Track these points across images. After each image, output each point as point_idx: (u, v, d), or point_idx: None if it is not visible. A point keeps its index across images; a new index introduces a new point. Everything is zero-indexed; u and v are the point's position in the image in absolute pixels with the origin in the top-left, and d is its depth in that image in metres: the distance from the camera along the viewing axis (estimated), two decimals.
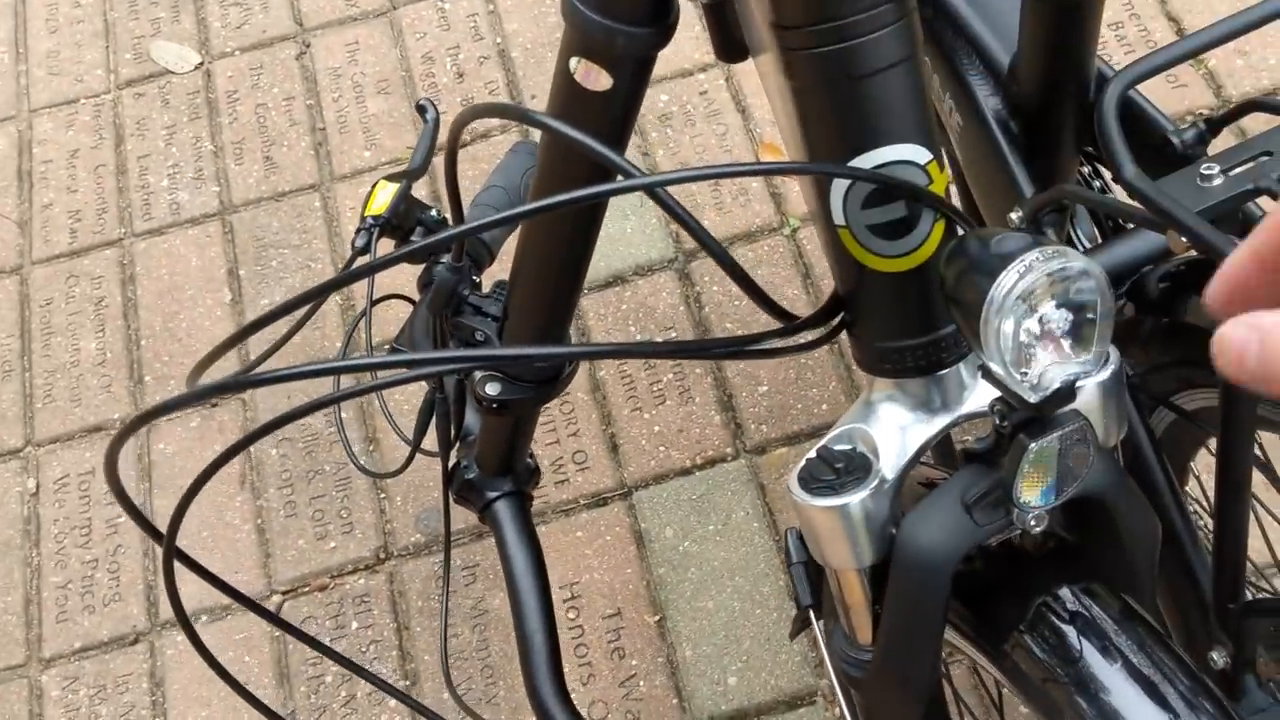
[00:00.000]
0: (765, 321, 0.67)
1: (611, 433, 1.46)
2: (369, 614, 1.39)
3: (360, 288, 1.49)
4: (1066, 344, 0.58)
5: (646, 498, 1.42)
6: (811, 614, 0.80)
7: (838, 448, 0.68)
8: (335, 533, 1.43)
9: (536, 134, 1.32)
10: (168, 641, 1.39)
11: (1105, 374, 0.65)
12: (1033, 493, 0.63)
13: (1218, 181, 0.69)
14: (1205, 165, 0.70)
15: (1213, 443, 0.75)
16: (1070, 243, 0.98)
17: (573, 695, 0.95)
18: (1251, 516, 0.75)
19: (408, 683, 1.34)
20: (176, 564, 0.68)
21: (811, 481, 0.67)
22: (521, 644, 0.89)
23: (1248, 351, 0.35)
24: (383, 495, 1.45)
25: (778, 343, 0.66)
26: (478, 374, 0.83)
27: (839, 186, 0.62)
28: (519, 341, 0.79)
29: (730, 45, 0.78)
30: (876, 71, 0.59)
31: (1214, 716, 0.62)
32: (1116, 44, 1.62)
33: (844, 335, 0.69)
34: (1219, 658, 0.81)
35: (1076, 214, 0.97)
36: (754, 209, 1.58)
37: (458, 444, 0.96)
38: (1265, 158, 0.70)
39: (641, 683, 1.32)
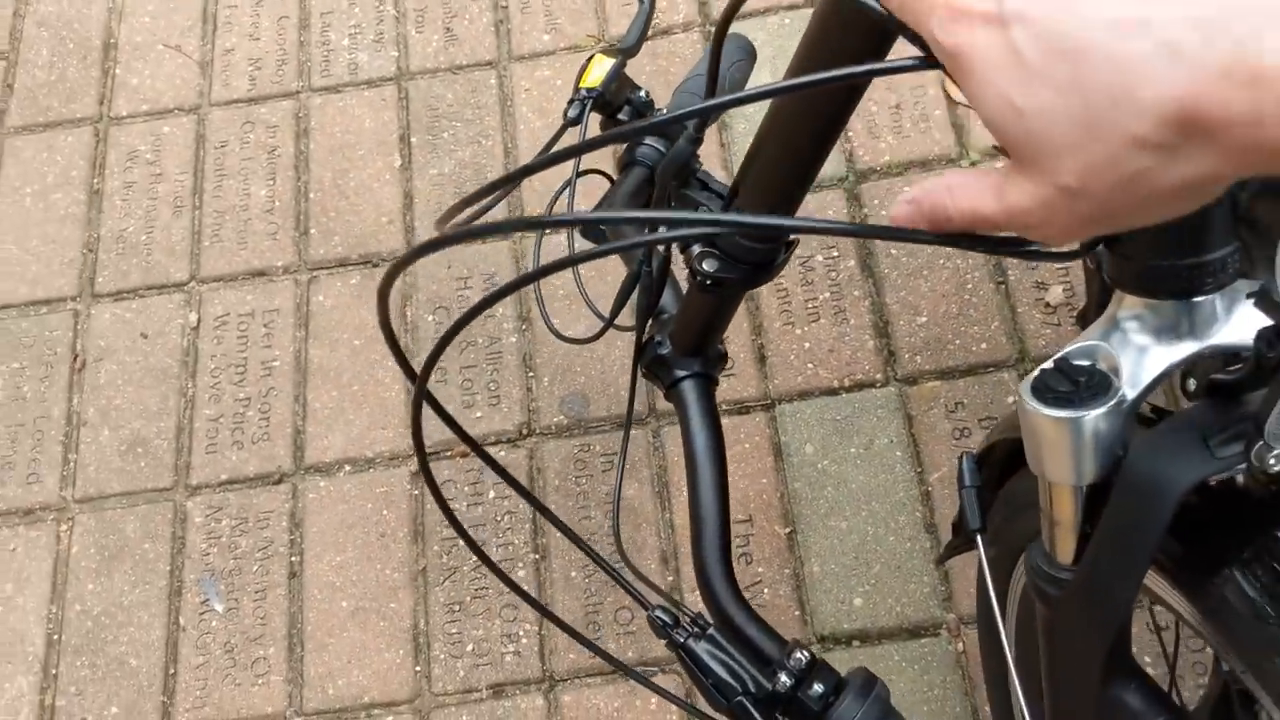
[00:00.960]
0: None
1: (760, 344, 1.46)
2: (506, 485, 1.42)
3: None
4: None
5: (790, 411, 1.42)
6: (979, 538, 0.80)
7: (1077, 362, 0.67)
8: (482, 403, 1.45)
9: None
10: (310, 485, 1.43)
11: None
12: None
13: None
14: None
15: None
16: None
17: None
18: None
19: (538, 556, 1.37)
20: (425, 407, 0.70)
21: (1046, 392, 0.66)
22: (695, 523, 0.90)
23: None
24: (530, 374, 1.47)
25: (1041, 247, 0.65)
26: (696, 249, 0.83)
27: None
28: (751, 201, 0.79)
29: None
30: None
31: None
32: None
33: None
34: None
35: None
36: (934, 137, 1.54)
37: (651, 320, 0.97)
38: None
39: (766, 590, 1.33)
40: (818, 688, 0.83)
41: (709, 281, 0.84)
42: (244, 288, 1.56)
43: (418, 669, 1.33)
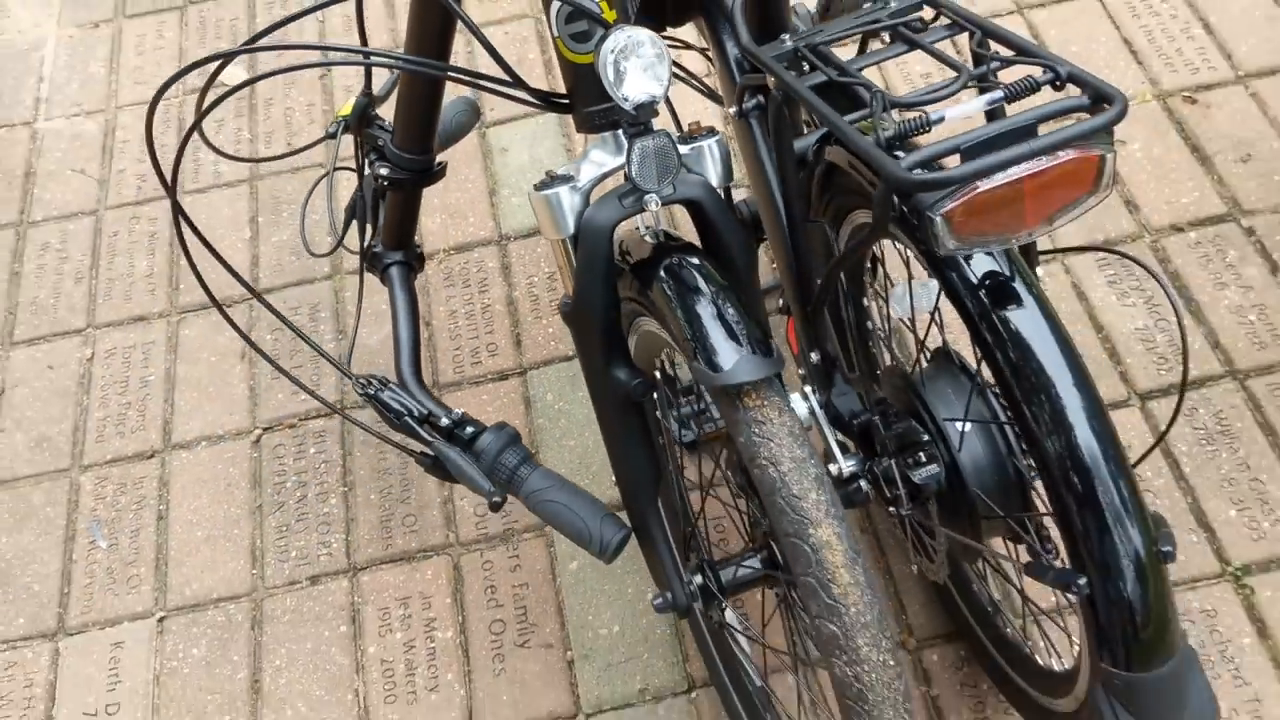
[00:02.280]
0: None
1: (518, 332, 1.96)
2: (324, 444, 1.87)
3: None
4: (647, 77, 1.08)
5: (536, 375, 1.91)
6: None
7: (559, 171, 1.18)
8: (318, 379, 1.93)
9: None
10: (174, 457, 1.88)
11: (710, 141, 1.16)
12: (647, 182, 1.12)
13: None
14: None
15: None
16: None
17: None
18: None
19: (347, 489, 1.82)
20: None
21: (541, 187, 1.18)
22: (396, 351, 1.39)
23: None
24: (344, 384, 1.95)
25: (527, 95, 1.17)
26: (375, 158, 1.34)
27: (554, 10, 1.14)
28: (402, 140, 1.32)
29: None
30: None
31: (762, 345, 1.07)
32: None
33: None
34: (815, 356, 1.28)
35: None
36: None
37: (371, 232, 1.49)
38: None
39: None
40: (469, 428, 1.31)
41: (386, 182, 1.36)
42: (128, 329, 2.05)
43: (254, 572, 1.76)
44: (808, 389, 1.27)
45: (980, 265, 1.10)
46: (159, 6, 2.55)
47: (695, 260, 1.14)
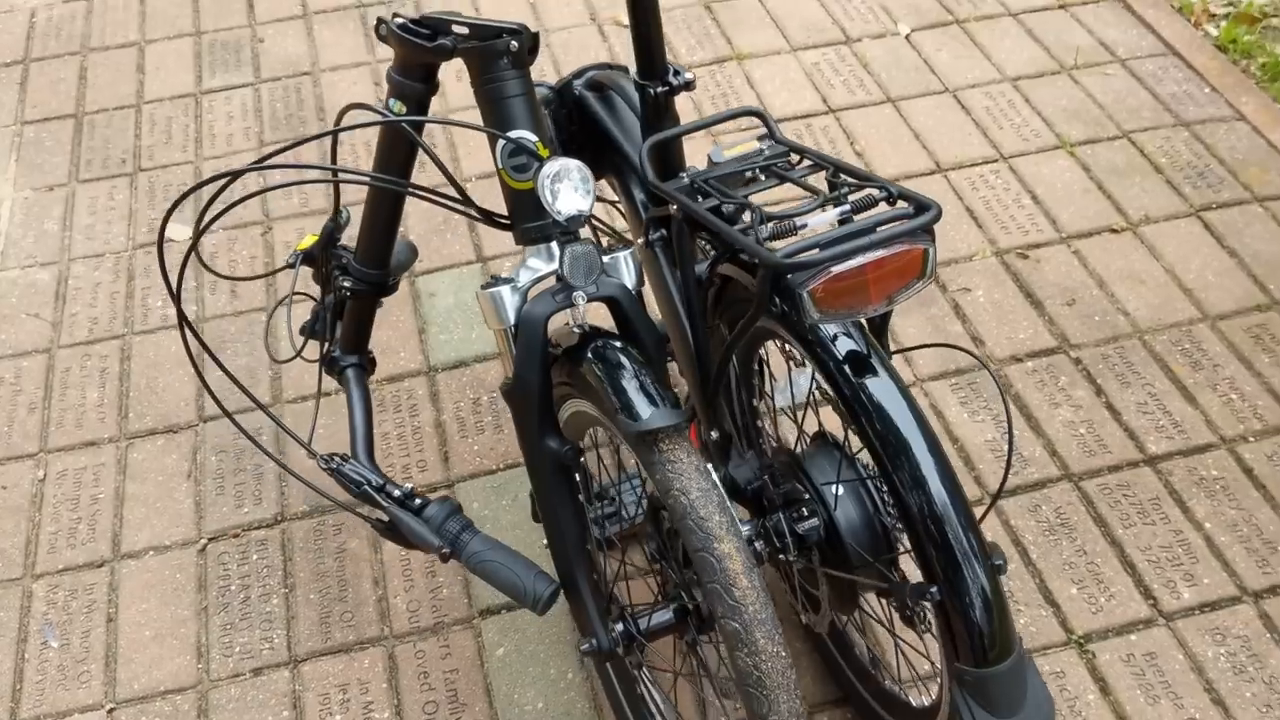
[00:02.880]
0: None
1: (446, 450, 2.17)
2: (265, 551, 2.04)
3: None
4: (577, 195, 1.36)
5: (464, 487, 2.11)
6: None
7: (501, 275, 1.44)
8: (248, 502, 2.10)
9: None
10: (124, 565, 2.02)
11: (625, 253, 1.43)
12: (576, 279, 1.38)
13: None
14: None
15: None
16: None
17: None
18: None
19: (288, 590, 1.98)
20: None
21: (486, 287, 1.43)
22: (352, 438, 1.61)
23: None
24: (285, 485, 2.13)
25: (475, 213, 1.44)
26: (339, 274, 1.59)
27: (499, 146, 1.42)
28: (364, 257, 1.58)
29: None
30: (512, 96, 1.41)
31: (672, 402, 1.33)
32: None
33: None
34: (715, 434, 1.53)
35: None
36: None
37: (329, 340, 1.72)
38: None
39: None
40: (418, 500, 1.52)
41: (349, 292, 1.60)
42: (79, 453, 2.20)
43: (199, 666, 1.89)
44: (709, 465, 1.51)
45: (843, 346, 1.37)
46: (110, 172, 2.79)
47: (616, 343, 1.40)
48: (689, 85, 1.59)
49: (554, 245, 1.43)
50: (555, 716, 1.80)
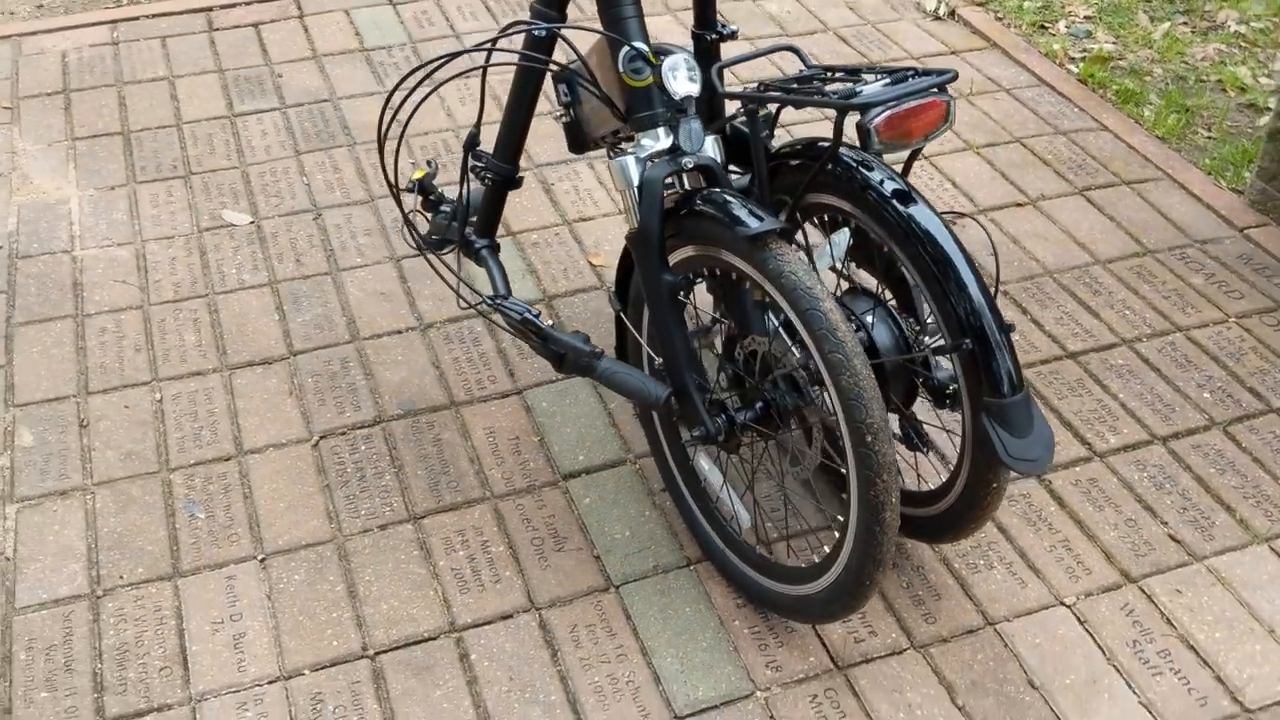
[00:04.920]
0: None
1: (510, 367, 2.60)
2: (371, 443, 2.41)
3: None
4: (689, 81, 1.86)
5: (531, 393, 2.54)
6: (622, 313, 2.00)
7: (625, 148, 1.92)
8: (349, 409, 2.48)
9: None
10: (249, 460, 2.37)
11: (714, 136, 1.94)
12: (688, 145, 1.88)
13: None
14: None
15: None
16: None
17: None
18: None
19: (397, 469, 2.36)
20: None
21: (613, 157, 1.91)
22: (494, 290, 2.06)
23: None
24: (379, 396, 2.51)
25: (600, 98, 1.92)
26: (481, 170, 2.05)
27: (622, 54, 1.91)
28: (500, 154, 2.05)
29: None
30: (629, 17, 1.92)
31: (770, 214, 1.82)
32: None
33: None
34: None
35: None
36: None
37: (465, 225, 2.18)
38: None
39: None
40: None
41: (487, 177, 2.06)
42: (188, 380, 2.55)
43: (333, 525, 2.25)
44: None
45: (888, 188, 1.89)
46: (164, 175, 3.17)
47: (716, 188, 1.89)
48: (734, 35, 2.14)
49: (660, 130, 1.92)
50: (640, 540, 2.22)
